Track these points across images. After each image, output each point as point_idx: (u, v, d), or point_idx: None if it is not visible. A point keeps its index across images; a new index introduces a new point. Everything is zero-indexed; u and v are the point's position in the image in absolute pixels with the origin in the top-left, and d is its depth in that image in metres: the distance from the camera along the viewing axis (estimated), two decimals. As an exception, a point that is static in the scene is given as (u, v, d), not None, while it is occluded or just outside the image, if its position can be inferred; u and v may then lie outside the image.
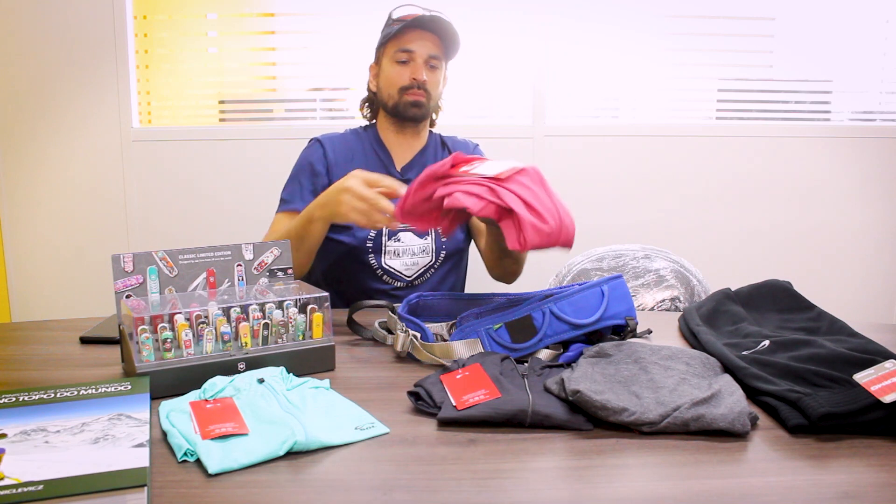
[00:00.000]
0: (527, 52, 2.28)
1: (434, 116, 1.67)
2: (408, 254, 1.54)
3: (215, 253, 1.09)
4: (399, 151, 1.61)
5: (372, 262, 1.52)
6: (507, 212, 1.03)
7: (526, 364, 0.95)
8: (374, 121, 1.66)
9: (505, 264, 1.49)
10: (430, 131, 1.68)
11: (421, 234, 1.54)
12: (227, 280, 1.10)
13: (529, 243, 1.01)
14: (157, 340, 0.92)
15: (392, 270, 1.53)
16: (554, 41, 2.27)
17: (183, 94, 2.34)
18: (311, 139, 1.62)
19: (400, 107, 1.54)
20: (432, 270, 1.57)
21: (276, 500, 0.67)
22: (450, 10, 2.24)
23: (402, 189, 1.17)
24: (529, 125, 2.30)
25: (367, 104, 1.66)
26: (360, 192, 1.18)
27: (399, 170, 1.58)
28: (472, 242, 1.68)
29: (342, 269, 1.54)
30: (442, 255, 1.56)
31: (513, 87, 2.32)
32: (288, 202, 1.54)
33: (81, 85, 2.24)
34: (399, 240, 1.53)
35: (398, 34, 1.52)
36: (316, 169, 1.55)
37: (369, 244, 1.51)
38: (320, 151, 1.57)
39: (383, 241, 1.52)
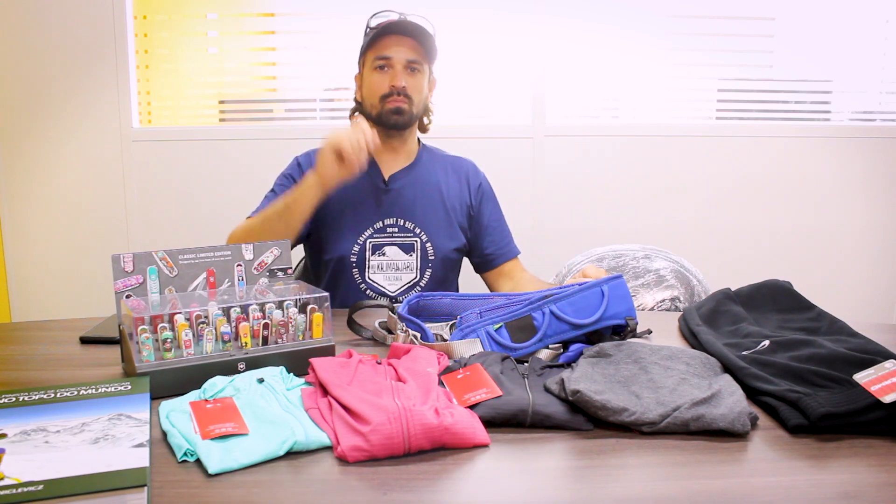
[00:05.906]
0: (527, 52, 2.28)
1: (426, 121, 1.63)
2: (391, 268, 1.54)
3: (215, 253, 1.09)
4: (386, 160, 1.59)
5: (356, 276, 1.53)
6: None
7: (526, 364, 0.95)
8: None
9: None
10: (424, 144, 1.65)
11: (407, 251, 1.54)
12: (227, 280, 1.10)
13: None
14: (157, 340, 0.92)
15: (375, 285, 1.53)
16: (554, 41, 2.27)
17: (183, 94, 2.33)
18: (294, 158, 1.63)
19: (382, 116, 1.53)
20: (418, 288, 1.55)
21: (276, 500, 0.67)
22: (451, 10, 2.26)
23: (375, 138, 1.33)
24: (529, 125, 2.30)
25: (355, 114, 1.63)
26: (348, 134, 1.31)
27: (386, 178, 1.57)
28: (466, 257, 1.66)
29: (329, 286, 1.55)
30: (427, 274, 1.56)
31: (513, 88, 2.32)
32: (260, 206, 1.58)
33: (81, 85, 2.24)
34: (384, 254, 1.54)
35: (375, 42, 1.51)
36: (295, 180, 1.56)
37: (353, 258, 1.52)
38: (297, 170, 1.59)
39: (367, 256, 1.53)
